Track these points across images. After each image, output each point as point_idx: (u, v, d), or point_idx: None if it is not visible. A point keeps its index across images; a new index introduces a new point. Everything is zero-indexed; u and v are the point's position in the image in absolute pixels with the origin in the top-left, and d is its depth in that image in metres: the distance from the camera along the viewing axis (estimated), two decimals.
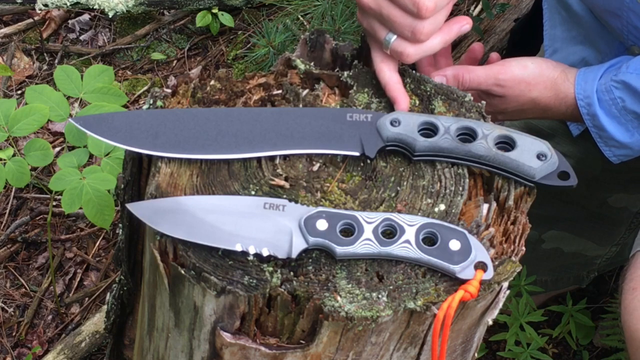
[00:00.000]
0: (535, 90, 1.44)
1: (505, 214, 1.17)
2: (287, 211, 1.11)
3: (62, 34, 3.02)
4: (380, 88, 1.27)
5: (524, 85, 1.43)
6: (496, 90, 1.42)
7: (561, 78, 1.45)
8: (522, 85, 1.43)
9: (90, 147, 1.81)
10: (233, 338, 1.11)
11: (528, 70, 1.44)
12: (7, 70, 2.08)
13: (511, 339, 2.05)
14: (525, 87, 1.44)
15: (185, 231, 1.09)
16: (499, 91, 1.43)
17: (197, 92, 1.25)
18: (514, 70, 1.43)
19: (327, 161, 1.20)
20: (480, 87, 1.40)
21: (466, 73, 1.41)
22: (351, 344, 1.11)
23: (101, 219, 1.78)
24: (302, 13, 2.65)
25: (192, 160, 1.18)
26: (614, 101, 1.42)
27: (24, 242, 2.45)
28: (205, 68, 2.87)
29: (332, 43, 1.32)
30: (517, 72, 1.43)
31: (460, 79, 1.40)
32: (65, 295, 2.36)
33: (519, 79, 1.43)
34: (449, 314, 1.05)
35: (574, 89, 1.44)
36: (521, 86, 1.43)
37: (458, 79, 1.40)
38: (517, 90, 1.44)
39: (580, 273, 2.20)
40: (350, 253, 1.08)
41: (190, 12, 2.98)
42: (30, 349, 2.24)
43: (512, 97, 1.44)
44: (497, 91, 1.43)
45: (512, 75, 1.43)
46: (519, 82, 1.43)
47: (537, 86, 1.44)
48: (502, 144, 1.19)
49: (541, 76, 1.45)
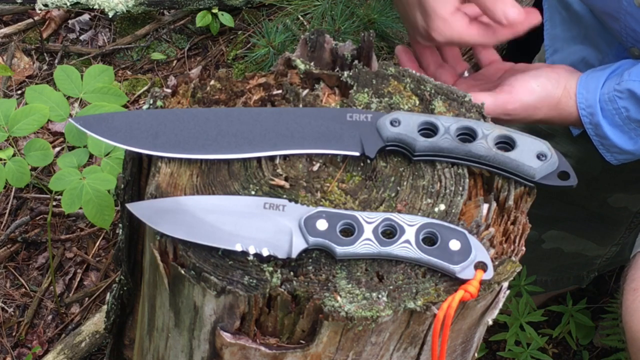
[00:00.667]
0: (541, 113, 1.45)
1: (505, 214, 1.17)
2: (287, 211, 1.11)
3: (62, 34, 3.02)
4: (380, 88, 1.27)
5: (532, 110, 1.44)
6: (504, 118, 1.43)
7: (565, 96, 1.44)
8: (529, 110, 1.44)
9: (90, 147, 1.81)
10: (233, 338, 1.11)
11: (534, 94, 1.43)
12: (7, 70, 2.08)
13: (511, 339, 2.05)
14: (532, 111, 1.44)
15: (185, 231, 1.09)
16: (506, 119, 1.43)
17: (197, 92, 1.25)
18: (522, 98, 1.42)
19: (327, 161, 1.20)
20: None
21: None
22: (351, 344, 1.11)
23: (101, 219, 1.78)
24: (302, 13, 2.65)
25: (192, 160, 1.18)
26: (618, 111, 1.42)
27: (24, 242, 2.45)
28: (205, 68, 2.87)
29: (332, 43, 1.32)
30: (524, 99, 1.42)
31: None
32: (65, 295, 2.36)
33: (526, 105, 1.43)
34: (449, 314, 1.05)
35: (576, 101, 1.44)
36: (528, 111, 1.44)
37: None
38: (523, 115, 1.44)
39: (580, 273, 2.20)
40: (350, 253, 1.08)
41: (190, 12, 2.98)
42: (30, 349, 2.24)
43: (517, 120, 1.45)
44: (505, 119, 1.43)
45: (521, 104, 1.42)
46: (527, 108, 1.43)
47: (542, 109, 1.44)
48: (502, 144, 1.19)
49: (547, 98, 1.44)
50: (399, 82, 1.29)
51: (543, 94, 1.43)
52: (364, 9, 2.49)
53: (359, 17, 2.46)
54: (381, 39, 2.62)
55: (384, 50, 2.69)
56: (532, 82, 1.44)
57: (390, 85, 1.28)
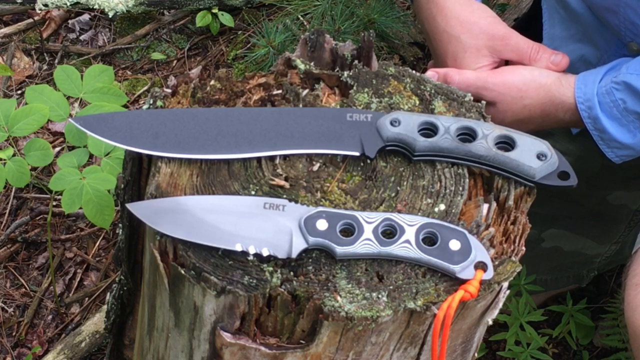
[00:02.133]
0: (527, 98, 1.44)
1: (505, 214, 1.17)
2: (287, 211, 1.11)
3: (62, 34, 3.02)
4: (380, 88, 1.28)
5: (515, 91, 1.43)
6: (486, 95, 1.42)
7: (555, 84, 1.45)
8: (512, 91, 1.43)
9: (90, 147, 1.81)
10: (233, 338, 1.11)
11: (519, 76, 1.44)
12: (7, 70, 2.08)
13: (511, 338, 2.05)
14: (516, 93, 1.43)
15: (185, 231, 1.09)
16: (488, 96, 1.42)
17: (197, 92, 1.25)
18: (505, 75, 1.44)
19: (327, 161, 1.21)
20: (469, 89, 1.39)
21: (456, 74, 1.42)
22: (351, 344, 1.11)
23: (101, 219, 1.78)
24: (302, 13, 2.65)
25: (192, 160, 1.18)
26: (615, 103, 1.42)
27: (24, 242, 2.45)
28: (205, 68, 2.86)
29: (332, 43, 1.32)
30: (508, 77, 1.44)
31: (449, 79, 1.42)
32: (65, 295, 2.36)
33: (509, 84, 1.43)
34: (449, 314, 1.05)
35: (574, 93, 1.44)
36: (512, 92, 1.43)
37: (447, 78, 1.41)
38: (508, 97, 1.43)
39: (580, 272, 2.20)
40: (350, 253, 1.08)
41: (190, 12, 2.98)
42: (30, 349, 2.24)
43: (504, 104, 1.44)
44: (487, 96, 1.42)
45: (503, 80, 1.43)
46: (509, 87, 1.43)
47: (528, 92, 1.44)
48: (502, 143, 1.19)
49: (533, 82, 1.44)
50: (399, 82, 1.29)
51: (529, 77, 1.45)
52: (364, 9, 2.49)
53: (359, 17, 2.46)
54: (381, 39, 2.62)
55: (384, 50, 2.69)
56: (521, 68, 1.47)
57: (390, 85, 1.28)
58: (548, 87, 1.45)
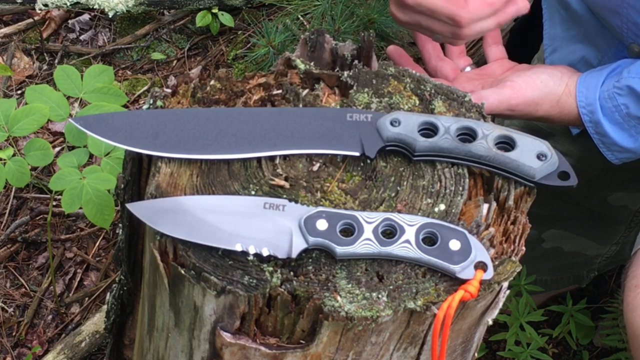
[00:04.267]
0: (542, 110, 1.47)
1: (505, 214, 1.17)
2: (287, 211, 1.11)
3: (62, 34, 3.02)
4: (380, 88, 1.28)
5: (533, 106, 1.46)
6: (507, 113, 1.44)
7: (566, 94, 1.46)
8: (531, 106, 1.46)
9: (90, 147, 1.81)
10: (233, 338, 1.11)
11: (537, 90, 1.46)
12: (7, 70, 2.08)
13: (511, 338, 2.05)
14: (534, 107, 1.46)
15: (185, 231, 1.09)
16: (509, 114, 1.45)
17: (197, 92, 1.25)
18: (525, 94, 1.45)
19: (327, 161, 1.20)
20: (492, 113, 1.42)
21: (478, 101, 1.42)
22: (351, 343, 1.11)
23: (101, 219, 1.78)
24: (302, 13, 2.65)
25: (192, 160, 1.18)
26: (618, 108, 1.42)
27: (24, 242, 2.45)
28: (205, 68, 2.87)
29: (332, 43, 1.32)
30: (527, 94, 1.45)
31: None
32: (65, 295, 2.36)
33: (529, 101, 1.45)
34: (449, 314, 1.05)
35: (576, 100, 1.45)
36: (530, 107, 1.46)
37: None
38: (526, 111, 1.46)
39: (581, 272, 2.20)
40: (350, 253, 1.08)
41: (190, 12, 2.98)
42: (30, 349, 2.24)
43: (520, 116, 1.47)
44: (508, 114, 1.45)
45: (524, 99, 1.45)
46: (529, 104, 1.45)
47: (543, 105, 1.46)
48: (502, 144, 1.19)
49: (549, 95, 1.46)
50: (399, 82, 1.29)
51: (545, 90, 1.45)
52: (364, 9, 2.49)
53: (359, 17, 2.46)
54: (381, 39, 2.61)
55: (384, 50, 2.69)
56: (535, 78, 1.46)
57: (390, 85, 1.28)
58: (559, 98, 1.47)
